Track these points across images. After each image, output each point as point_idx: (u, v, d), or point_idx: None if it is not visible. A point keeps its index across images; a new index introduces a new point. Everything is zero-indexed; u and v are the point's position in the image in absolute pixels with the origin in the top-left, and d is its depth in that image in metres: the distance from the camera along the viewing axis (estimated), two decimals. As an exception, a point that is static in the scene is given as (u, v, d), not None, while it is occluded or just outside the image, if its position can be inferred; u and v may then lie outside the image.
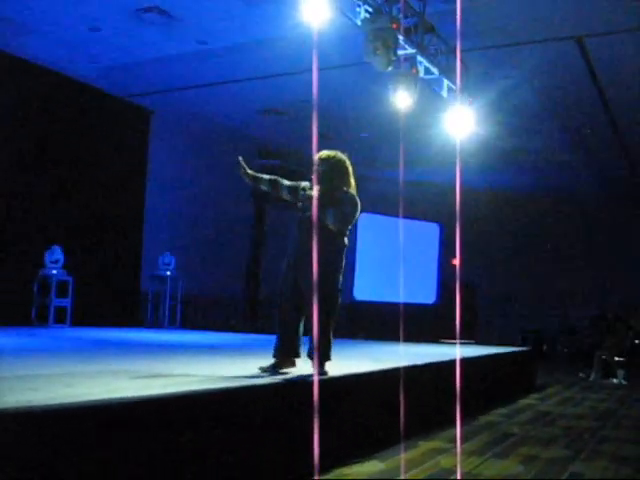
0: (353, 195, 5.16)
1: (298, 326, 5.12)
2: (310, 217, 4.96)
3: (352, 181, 5.25)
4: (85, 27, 10.71)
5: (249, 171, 5.31)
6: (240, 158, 5.25)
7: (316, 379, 4.43)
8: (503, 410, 7.73)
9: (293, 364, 5.12)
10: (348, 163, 5.26)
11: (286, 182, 5.37)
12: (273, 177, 5.41)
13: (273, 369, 4.99)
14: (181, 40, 10.98)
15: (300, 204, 5.20)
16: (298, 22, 7.49)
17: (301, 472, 4.04)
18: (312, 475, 3.78)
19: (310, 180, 5.23)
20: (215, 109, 14.33)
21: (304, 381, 4.66)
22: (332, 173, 5.15)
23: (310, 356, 5.00)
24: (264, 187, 5.41)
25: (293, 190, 5.32)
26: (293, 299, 5.05)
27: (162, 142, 14.44)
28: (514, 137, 14.84)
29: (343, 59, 10.30)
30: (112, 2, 9.90)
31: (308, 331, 5.01)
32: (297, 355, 5.11)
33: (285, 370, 5.03)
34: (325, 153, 5.20)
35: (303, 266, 4.92)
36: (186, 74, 12.49)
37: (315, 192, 5.04)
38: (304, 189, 5.23)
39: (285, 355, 5.09)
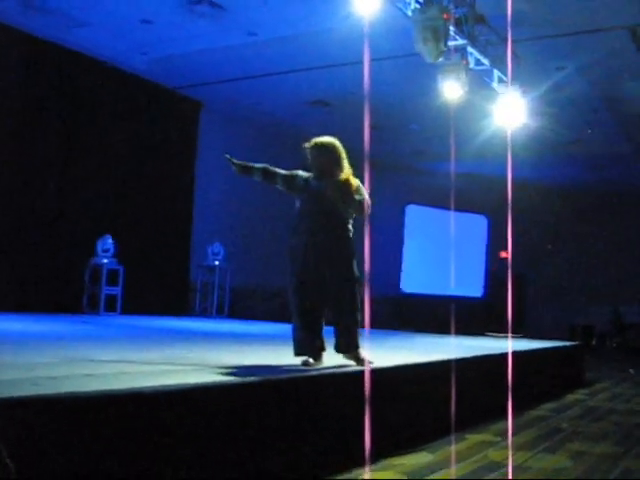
0: (359, 183, 5.08)
1: (322, 319, 5.02)
2: (324, 208, 4.92)
3: (347, 165, 5.12)
4: (137, 19, 10.83)
5: (236, 162, 5.21)
6: (227, 155, 5.21)
7: (367, 369, 4.43)
8: (552, 405, 7.65)
9: (320, 357, 4.97)
10: (342, 148, 5.15)
11: (280, 171, 5.23)
12: (265, 166, 5.29)
13: (311, 363, 4.86)
14: (231, 32, 11.05)
15: (302, 194, 5.09)
16: (348, 13, 7.50)
17: (350, 463, 4.06)
18: (362, 466, 3.80)
19: (307, 169, 5.15)
20: (264, 101, 14.39)
21: (351, 372, 4.66)
22: (334, 161, 5.05)
23: (338, 349, 4.92)
24: (256, 178, 5.29)
25: (289, 179, 5.19)
26: (316, 290, 4.92)
27: (211, 133, 14.55)
28: (566, 129, 14.63)
29: (393, 50, 10.24)
30: (163, -6, 10.01)
31: (331, 323, 4.95)
32: (323, 348, 4.98)
33: (317, 363, 4.92)
34: (322, 140, 5.11)
35: (327, 256, 4.86)
36: (236, 66, 12.55)
37: (327, 182, 4.95)
38: (305, 179, 5.12)
39: (314, 348, 4.94)
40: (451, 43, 8.67)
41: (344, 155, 5.13)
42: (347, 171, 5.08)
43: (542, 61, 11.13)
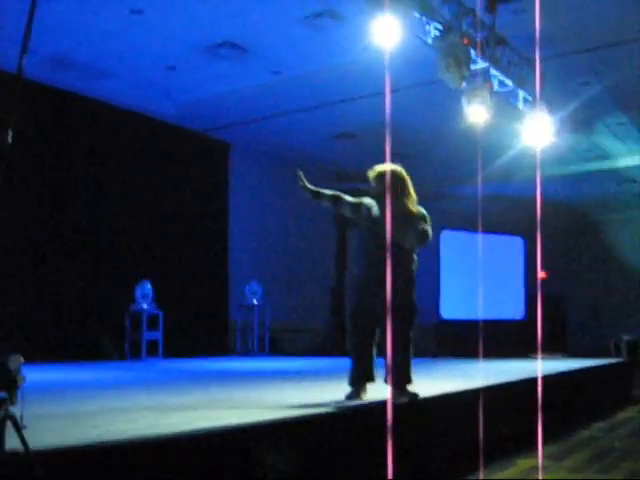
0: (424, 211, 5.09)
1: (373, 350, 5.00)
2: (390, 237, 4.88)
3: (413, 193, 5.11)
4: (162, 67, 11.02)
5: (309, 186, 5.10)
6: (300, 172, 5.08)
7: (402, 401, 4.39)
8: (602, 424, 7.51)
9: (365, 389, 4.96)
10: (406, 175, 5.13)
11: (348, 198, 5.16)
12: (335, 193, 5.20)
13: (356, 396, 4.86)
14: (254, 72, 11.17)
15: (367, 223, 5.03)
16: (367, 45, 7.54)
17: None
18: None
19: (372, 197, 5.13)
20: (291, 137, 14.49)
21: (400, 405, 4.62)
22: (398, 189, 5.00)
23: (388, 382, 4.83)
24: (325, 203, 5.18)
25: (356, 207, 5.13)
26: (370, 321, 4.91)
27: (242, 172, 14.68)
28: (596, 146, 14.52)
29: (414, 78, 10.29)
30: (186, 41, 10.16)
31: (382, 353, 4.88)
32: (372, 379, 4.98)
33: (364, 396, 4.90)
34: (385, 168, 5.05)
35: (384, 287, 4.81)
36: (262, 104, 12.67)
37: (388, 211, 4.85)
38: (368, 207, 5.07)
39: (362, 380, 4.95)
40: (474, 67, 8.67)
41: (408, 183, 5.10)
42: (412, 199, 5.06)
43: (566, 78, 11.07)
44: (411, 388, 4.88)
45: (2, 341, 8.53)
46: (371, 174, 5.12)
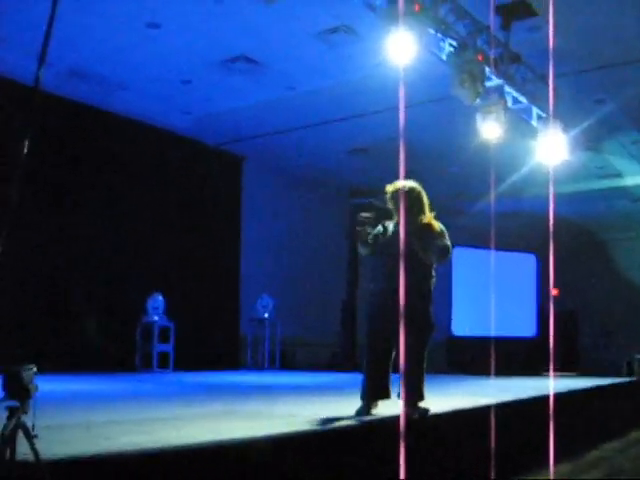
0: (443, 227, 5.08)
1: (389, 366, 4.97)
2: (403, 252, 4.88)
3: (429, 209, 5.12)
4: (176, 80, 11.09)
5: (368, 230, 5.02)
6: (364, 215, 5.01)
7: (413, 417, 4.38)
8: (614, 444, 7.45)
9: (376, 405, 4.93)
10: (423, 191, 5.13)
11: (373, 236, 5.08)
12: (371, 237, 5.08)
13: (366, 411, 4.83)
14: (269, 87, 11.22)
15: (382, 238, 5.01)
16: (381, 61, 7.56)
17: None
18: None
19: (390, 217, 5.12)
20: (304, 152, 14.52)
21: (414, 420, 4.60)
22: (417, 205, 5.02)
23: (401, 399, 4.77)
24: (365, 247, 5.07)
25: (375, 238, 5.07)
26: (387, 339, 4.86)
27: (255, 186, 14.73)
28: (609, 164, 14.49)
29: (428, 94, 10.30)
30: (201, 55, 10.23)
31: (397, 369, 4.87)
32: (388, 396, 4.95)
33: (375, 411, 4.88)
34: (404, 184, 5.04)
35: (404, 303, 4.78)
36: (275, 119, 12.72)
37: (403, 226, 4.85)
38: (385, 227, 5.08)
39: (375, 396, 4.91)
40: (488, 84, 8.69)
41: (425, 199, 5.10)
42: (429, 215, 5.05)
43: (581, 95, 11.06)
44: (422, 404, 4.86)
45: (14, 351, 8.56)
46: (388, 190, 5.09)
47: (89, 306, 11.22)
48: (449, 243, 4.99)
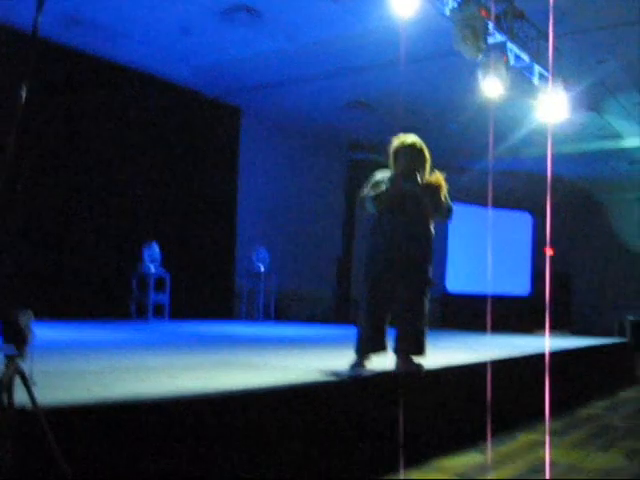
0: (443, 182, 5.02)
1: (386, 320, 4.92)
2: (409, 208, 4.85)
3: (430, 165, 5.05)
4: (175, 29, 10.95)
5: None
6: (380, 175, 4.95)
7: (406, 371, 4.40)
8: (603, 403, 7.55)
9: (370, 358, 4.90)
10: (425, 146, 5.03)
11: (376, 190, 4.93)
12: (372, 194, 4.94)
13: (360, 365, 4.82)
14: (269, 38, 11.09)
15: (388, 195, 4.89)
16: (384, 14, 7.48)
17: (397, 465, 4.06)
18: (411, 467, 3.80)
19: (390, 170, 5.01)
20: (303, 104, 14.41)
21: (406, 375, 4.65)
22: (424, 162, 4.96)
23: (397, 351, 4.84)
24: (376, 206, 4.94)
25: (377, 199, 4.90)
26: (389, 291, 4.84)
27: (253, 139, 14.66)
28: (609, 125, 14.41)
29: (430, 50, 10.19)
30: (201, 3, 10.08)
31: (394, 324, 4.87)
32: (384, 348, 4.90)
33: (368, 365, 4.88)
34: (413, 140, 4.95)
35: (405, 257, 4.79)
36: (275, 71, 12.60)
37: (418, 183, 4.84)
38: (389, 180, 4.93)
39: (371, 349, 4.88)
40: (491, 40, 8.60)
41: (428, 154, 5.03)
42: (437, 174, 4.98)
43: (583, 54, 10.97)
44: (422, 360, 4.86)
45: (11, 298, 8.59)
46: (395, 144, 5.01)
47: (84, 253, 11.24)
48: (450, 202, 4.99)
